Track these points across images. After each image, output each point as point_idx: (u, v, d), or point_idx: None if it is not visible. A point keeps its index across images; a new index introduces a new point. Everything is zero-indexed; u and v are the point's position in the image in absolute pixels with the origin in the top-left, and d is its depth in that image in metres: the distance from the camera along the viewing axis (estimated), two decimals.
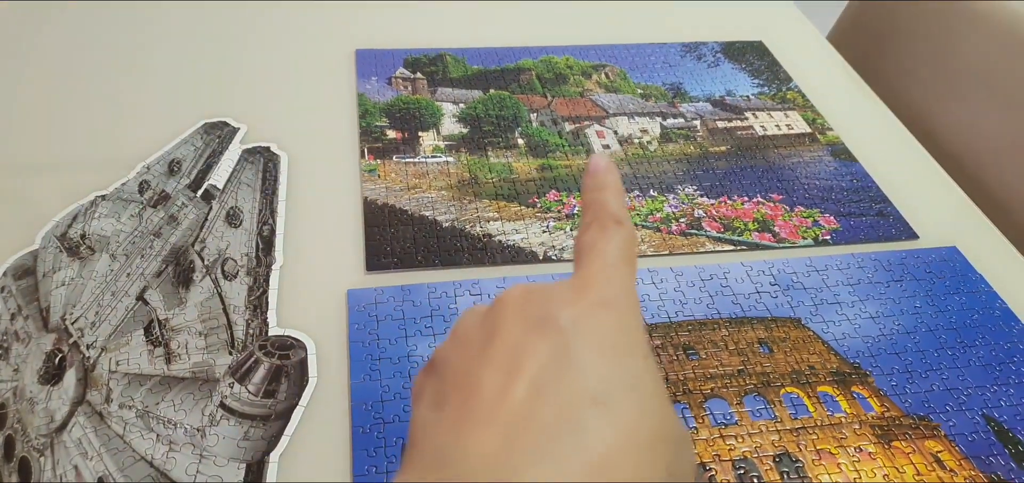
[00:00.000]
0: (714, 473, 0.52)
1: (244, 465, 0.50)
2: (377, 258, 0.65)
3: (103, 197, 0.67)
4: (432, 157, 0.77)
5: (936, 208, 0.75)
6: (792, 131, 0.85)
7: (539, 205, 0.72)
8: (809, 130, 0.85)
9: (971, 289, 0.66)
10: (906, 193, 0.76)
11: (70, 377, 0.54)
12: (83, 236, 0.63)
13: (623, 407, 0.27)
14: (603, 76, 0.92)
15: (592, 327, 0.29)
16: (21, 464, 0.50)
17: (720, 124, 0.85)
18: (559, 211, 0.71)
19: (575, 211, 0.71)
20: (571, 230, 0.69)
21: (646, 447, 0.27)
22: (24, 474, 0.49)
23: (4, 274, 0.61)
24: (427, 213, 0.70)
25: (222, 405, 0.52)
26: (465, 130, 0.81)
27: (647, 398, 0.28)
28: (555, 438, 0.26)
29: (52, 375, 0.54)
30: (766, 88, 0.91)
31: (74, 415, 0.52)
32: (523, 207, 0.72)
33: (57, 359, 0.55)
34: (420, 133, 0.80)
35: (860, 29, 1.08)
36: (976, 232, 0.73)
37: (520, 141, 0.80)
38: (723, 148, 0.82)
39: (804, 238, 0.71)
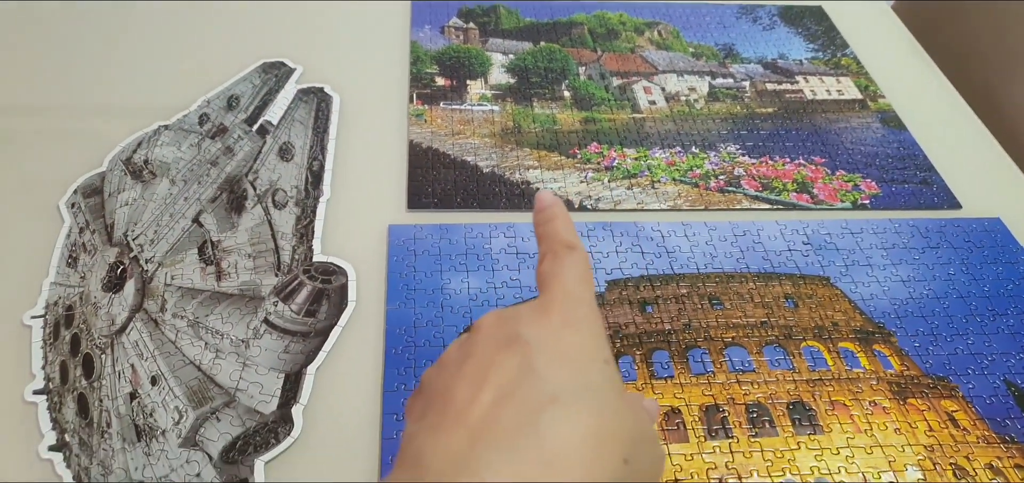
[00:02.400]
0: (727, 414, 0.54)
1: (283, 375, 0.54)
2: (418, 198, 0.68)
3: (166, 127, 0.72)
4: (478, 105, 0.79)
5: (984, 179, 0.74)
6: (842, 97, 0.84)
7: (579, 156, 0.74)
8: (860, 96, 0.84)
9: (1010, 260, 0.66)
10: (953, 163, 0.75)
11: (130, 287, 0.59)
12: (146, 161, 0.68)
13: (579, 406, 0.29)
14: (656, 33, 0.92)
15: (555, 342, 0.31)
16: (85, 360, 0.55)
17: (769, 86, 0.85)
18: (598, 162, 0.73)
19: (614, 163, 0.73)
20: (609, 181, 0.71)
21: (600, 442, 0.29)
22: (87, 368, 0.55)
23: (75, 192, 0.66)
24: (469, 158, 0.72)
25: (266, 321, 0.56)
26: (512, 80, 0.83)
27: (604, 399, 0.30)
28: (515, 437, 0.28)
29: (114, 284, 0.59)
30: (820, 53, 0.91)
31: (132, 321, 0.57)
32: (563, 157, 0.74)
33: (119, 270, 0.60)
34: (468, 81, 0.82)
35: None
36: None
37: (566, 93, 0.82)
38: (770, 110, 0.82)
39: (842, 201, 0.71)
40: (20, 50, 0.83)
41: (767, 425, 0.53)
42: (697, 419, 0.54)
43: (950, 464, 0.52)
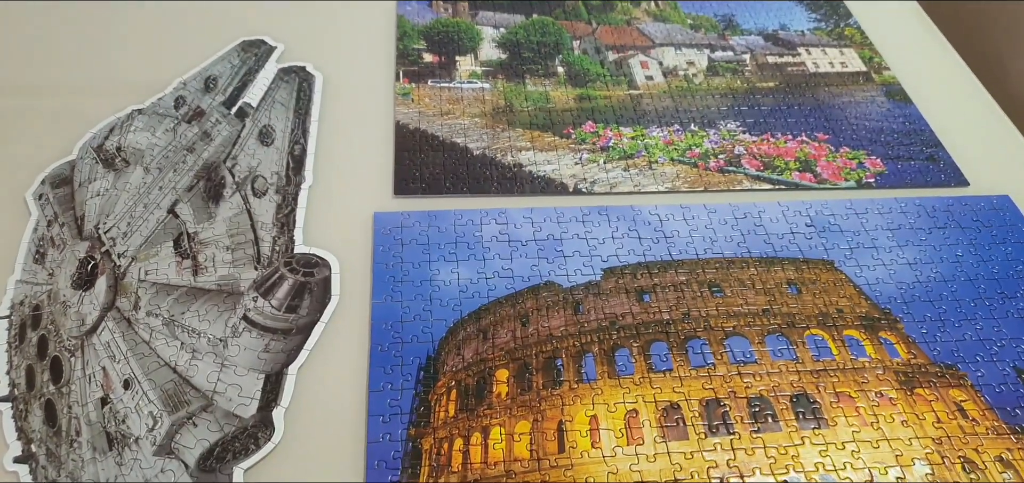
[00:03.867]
0: (728, 408, 0.51)
1: (263, 376, 0.51)
2: (405, 183, 0.65)
3: (139, 111, 0.69)
4: (468, 83, 0.76)
5: (992, 155, 0.72)
6: (846, 69, 0.81)
7: (574, 136, 0.71)
8: (864, 69, 0.81)
9: (1019, 240, 0.64)
10: (961, 138, 0.72)
11: (101, 284, 0.56)
12: (119, 148, 0.65)
13: None
14: (652, 4, 0.89)
15: None
16: (53, 363, 0.53)
17: (770, 59, 0.82)
18: (594, 143, 0.70)
19: (610, 143, 0.70)
20: (605, 162, 0.68)
21: None
22: (56, 372, 0.52)
23: (43, 182, 0.63)
24: (459, 140, 0.70)
25: (245, 317, 0.54)
26: (504, 56, 0.80)
27: None
28: None
29: (85, 281, 0.57)
30: (823, 23, 0.87)
31: (104, 320, 0.54)
32: (557, 137, 0.71)
33: (90, 266, 0.57)
34: (457, 57, 0.79)
35: None
36: None
37: (560, 69, 0.79)
38: (771, 84, 0.79)
39: (847, 180, 0.68)
40: None
41: (770, 419, 0.51)
42: (697, 415, 0.51)
43: (959, 457, 0.50)
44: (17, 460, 0.48)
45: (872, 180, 0.68)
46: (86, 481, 0.47)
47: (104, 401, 0.50)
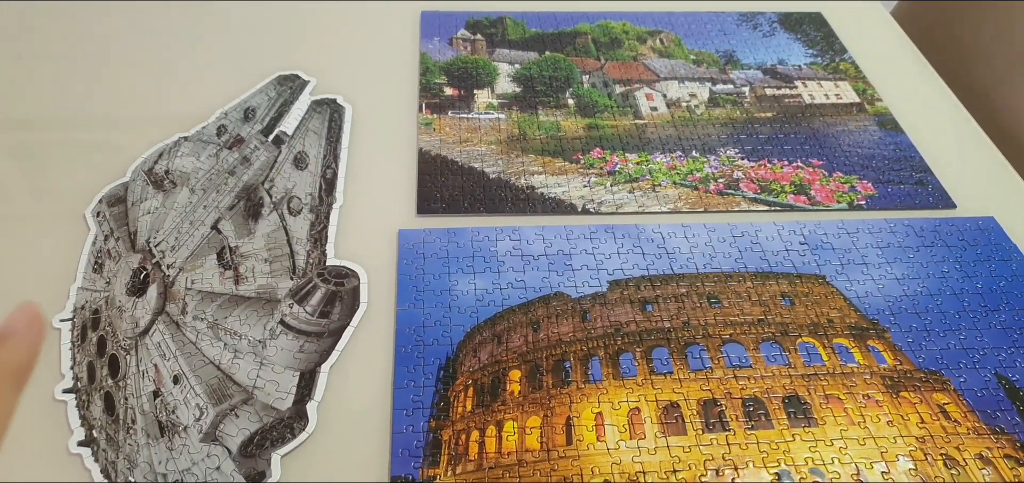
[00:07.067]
0: (724, 408, 0.56)
1: (298, 373, 0.56)
2: (427, 203, 0.71)
3: (185, 138, 0.75)
4: (485, 113, 0.82)
5: (978, 179, 0.76)
6: (840, 101, 0.86)
7: (582, 161, 0.76)
8: (858, 100, 0.86)
9: (1003, 258, 0.68)
10: (949, 163, 0.77)
11: (153, 291, 0.62)
12: (167, 171, 0.71)
13: None
14: (658, 42, 0.95)
15: None
16: (111, 360, 0.58)
17: (768, 91, 0.87)
18: (601, 168, 0.75)
19: (616, 168, 0.75)
20: (611, 185, 0.73)
21: None
22: (113, 368, 0.57)
23: (100, 201, 0.69)
24: (476, 165, 0.75)
25: (282, 322, 0.59)
26: (518, 89, 0.86)
27: None
28: None
29: (138, 288, 0.62)
30: (819, 59, 0.92)
31: (155, 323, 0.60)
32: (567, 162, 0.76)
33: (142, 275, 0.63)
34: (475, 91, 0.85)
35: (927, 2, 1.07)
36: (1018, 204, 0.73)
37: (570, 101, 0.84)
38: (769, 114, 0.84)
39: (839, 202, 0.73)
40: (48, 65, 0.86)
41: (763, 418, 0.55)
42: (695, 413, 0.56)
43: (941, 454, 0.54)
44: (81, 444, 0.53)
45: (863, 202, 0.73)
46: (142, 463, 0.52)
47: (156, 394, 0.55)
